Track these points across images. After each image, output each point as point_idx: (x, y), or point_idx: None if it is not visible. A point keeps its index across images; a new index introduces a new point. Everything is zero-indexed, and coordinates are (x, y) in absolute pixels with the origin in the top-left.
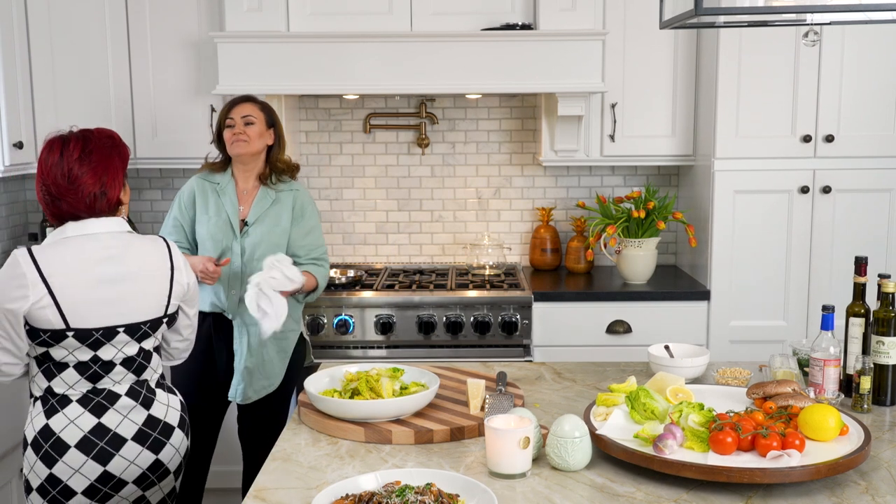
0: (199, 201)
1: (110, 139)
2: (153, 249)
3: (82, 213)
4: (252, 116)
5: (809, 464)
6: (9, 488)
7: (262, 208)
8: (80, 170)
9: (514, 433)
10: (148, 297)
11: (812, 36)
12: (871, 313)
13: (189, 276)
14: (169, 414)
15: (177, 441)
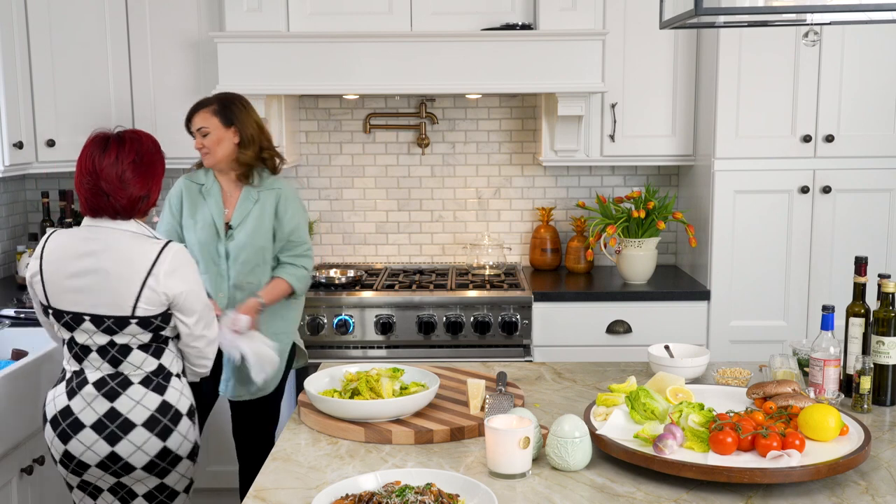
0: (186, 204)
1: (153, 144)
2: (139, 253)
3: (128, 211)
4: (205, 127)
5: (809, 464)
6: (9, 488)
7: (245, 210)
8: (132, 174)
9: (514, 433)
10: (113, 294)
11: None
12: (871, 313)
13: (178, 287)
14: (135, 411)
15: (137, 439)
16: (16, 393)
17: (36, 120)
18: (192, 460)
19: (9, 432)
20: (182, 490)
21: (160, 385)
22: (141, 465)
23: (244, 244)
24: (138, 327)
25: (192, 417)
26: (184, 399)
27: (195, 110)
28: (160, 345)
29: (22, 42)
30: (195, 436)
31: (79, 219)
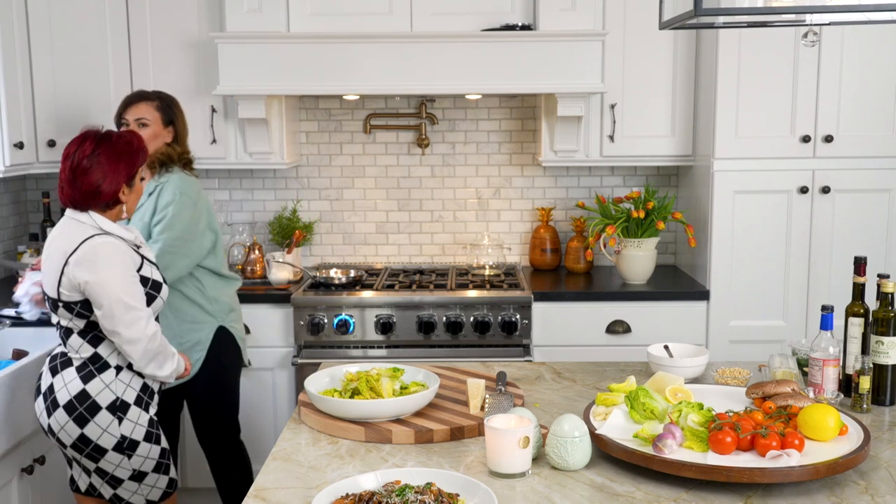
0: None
1: (127, 143)
2: (69, 241)
3: (81, 202)
4: (146, 118)
5: (809, 464)
6: (9, 488)
7: (141, 202)
8: (87, 165)
9: (514, 433)
10: (50, 277)
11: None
12: (871, 313)
13: (83, 276)
14: (61, 392)
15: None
16: (16, 393)
17: (36, 120)
18: (123, 454)
19: (9, 432)
20: (127, 478)
21: (90, 373)
22: (68, 444)
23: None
24: (65, 311)
25: (117, 412)
26: (106, 393)
27: (136, 100)
28: (98, 333)
29: (22, 42)
30: (121, 431)
31: None
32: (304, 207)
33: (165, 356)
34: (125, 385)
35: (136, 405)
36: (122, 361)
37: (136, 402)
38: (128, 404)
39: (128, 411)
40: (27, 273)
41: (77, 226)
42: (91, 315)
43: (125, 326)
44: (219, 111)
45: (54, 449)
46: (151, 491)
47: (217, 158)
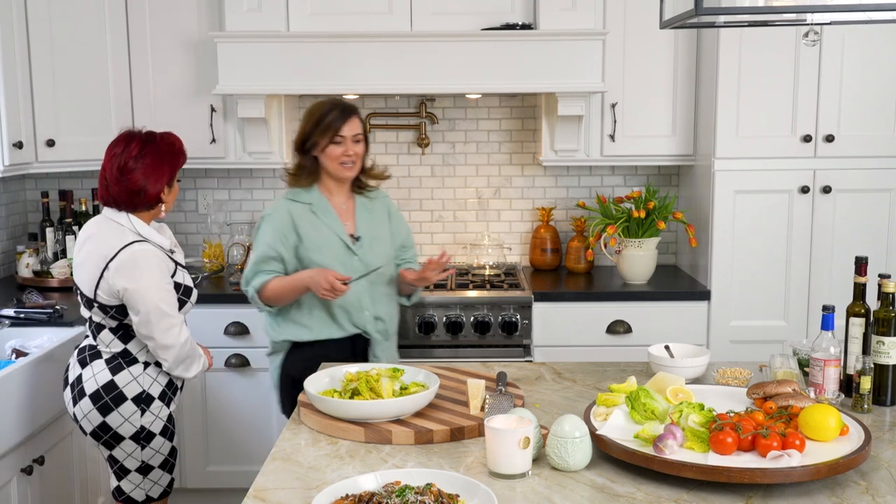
0: (303, 226)
1: (170, 145)
2: (108, 245)
3: (124, 202)
4: (360, 135)
5: (809, 464)
6: (9, 488)
7: (367, 219)
8: (133, 165)
9: (514, 433)
10: (86, 276)
11: (812, 36)
12: (872, 313)
13: (122, 283)
14: (88, 382)
15: (85, 408)
16: (16, 393)
17: (36, 120)
18: (138, 444)
19: (9, 432)
20: (134, 469)
21: (119, 366)
22: (88, 431)
23: (378, 254)
24: (100, 311)
25: (141, 404)
26: (134, 385)
27: (350, 114)
28: (129, 332)
29: (22, 42)
30: (141, 422)
31: (78, 219)
32: None
33: (193, 359)
34: (152, 379)
35: (159, 399)
36: (150, 358)
37: (159, 396)
38: (152, 397)
39: (151, 404)
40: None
41: (116, 228)
42: (125, 318)
43: (160, 333)
44: (218, 111)
45: (54, 449)
46: (153, 487)
47: (216, 158)
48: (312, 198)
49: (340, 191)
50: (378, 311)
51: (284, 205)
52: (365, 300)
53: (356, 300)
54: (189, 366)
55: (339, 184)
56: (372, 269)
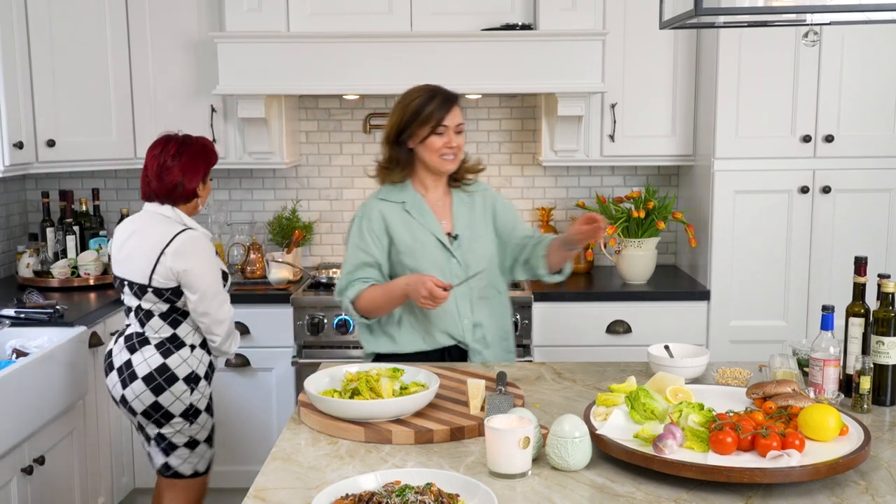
0: (396, 227)
1: (203, 146)
2: (160, 234)
3: (165, 195)
4: (462, 124)
5: (809, 464)
6: (9, 488)
7: (465, 216)
8: (171, 163)
9: (514, 433)
10: (138, 265)
11: (812, 36)
12: (871, 313)
13: (181, 265)
14: (140, 366)
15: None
16: (16, 393)
17: (36, 120)
18: (187, 420)
19: (9, 432)
20: (182, 444)
21: (168, 350)
22: (139, 411)
23: (477, 253)
24: (154, 296)
25: (191, 383)
26: (184, 366)
27: (453, 102)
28: (178, 317)
29: (22, 42)
30: (191, 399)
31: (78, 219)
32: (303, 207)
33: (235, 336)
34: (198, 360)
35: (204, 378)
36: (196, 341)
37: (204, 375)
38: (199, 377)
39: (199, 383)
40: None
41: (163, 220)
42: (177, 301)
43: (216, 308)
44: (218, 111)
45: (54, 449)
46: (199, 461)
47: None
48: (405, 195)
49: (437, 186)
50: (477, 318)
51: (375, 205)
52: (463, 306)
53: (454, 307)
54: (233, 342)
55: (435, 178)
56: (473, 273)
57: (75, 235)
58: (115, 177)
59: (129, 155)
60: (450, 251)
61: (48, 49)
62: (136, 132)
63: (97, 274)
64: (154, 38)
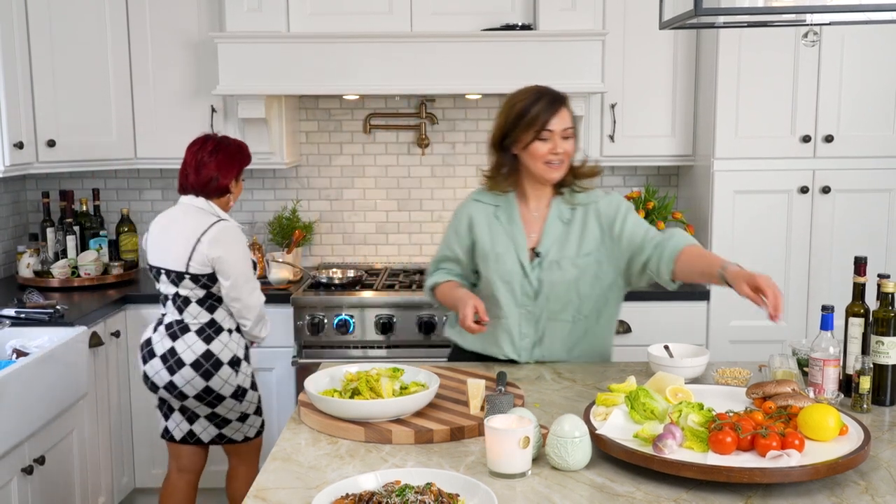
0: (480, 230)
1: (238, 147)
2: (196, 224)
3: (200, 188)
4: (571, 129)
5: (809, 464)
6: (9, 488)
7: (558, 233)
8: (207, 159)
9: (514, 433)
10: (175, 253)
11: (812, 36)
12: (871, 313)
13: (216, 252)
14: (186, 353)
15: (187, 375)
16: (16, 393)
17: (36, 120)
18: (238, 400)
19: (9, 432)
20: (235, 419)
21: (209, 336)
22: (191, 395)
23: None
24: (191, 282)
25: (235, 366)
26: (226, 351)
27: (559, 105)
28: (213, 302)
29: (22, 42)
30: (237, 381)
31: (78, 219)
32: (303, 207)
33: (266, 320)
34: (237, 344)
35: (245, 360)
36: (232, 325)
37: (245, 357)
38: (240, 359)
39: (241, 365)
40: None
41: (199, 212)
42: (212, 286)
43: (247, 294)
44: (218, 111)
45: (54, 449)
46: (250, 429)
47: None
48: (501, 199)
49: (540, 195)
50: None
51: (467, 205)
52: (527, 328)
53: (515, 326)
54: (263, 326)
55: (539, 187)
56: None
57: (75, 235)
58: (115, 177)
59: (129, 155)
60: (524, 270)
61: (48, 49)
62: (136, 132)
63: (97, 274)
64: (154, 38)
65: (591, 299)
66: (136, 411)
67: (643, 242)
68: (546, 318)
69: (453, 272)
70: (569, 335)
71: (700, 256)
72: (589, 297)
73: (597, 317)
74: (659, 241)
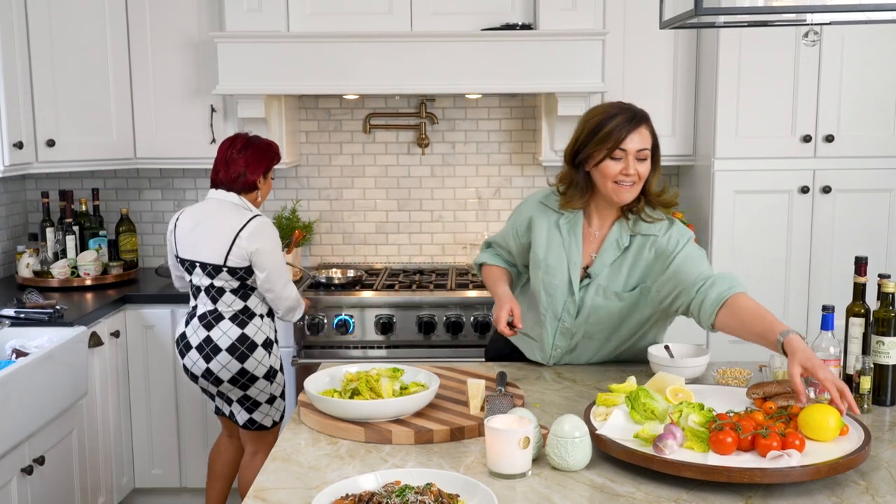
0: (539, 234)
1: (268, 145)
2: (233, 219)
3: (229, 183)
4: (648, 150)
5: (809, 464)
6: (9, 488)
7: (612, 258)
8: (236, 156)
9: (514, 433)
10: (212, 247)
11: (812, 36)
12: (871, 313)
13: (253, 245)
14: (222, 339)
15: (223, 360)
16: (16, 393)
17: (36, 120)
18: (269, 380)
19: (9, 432)
20: (264, 401)
21: (243, 321)
22: (227, 379)
23: (603, 302)
24: (228, 275)
25: (268, 348)
26: (260, 333)
27: (639, 123)
28: (247, 291)
29: (22, 42)
30: (269, 362)
31: (78, 219)
32: (303, 207)
33: (298, 307)
34: (270, 327)
35: (276, 343)
36: (264, 310)
37: (276, 340)
38: (272, 341)
39: (273, 347)
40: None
41: (233, 207)
42: (248, 279)
43: (280, 287)
44: (218, 111)
45: (54, 449)
46: (277, 413)
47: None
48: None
49: (605, 214)
50: (573, 349)
51: (532, 205)
52: (561, 341)
53: (549, 337)
54: (295, 312)
55: (605, 206)
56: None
57: (75, 235)
58: (114, 177)
59: (129, 155)
60: (572, 287)
61: (48, 49)
62: (136, 132)
63: (97, 274)
64: (154, 38)
65: (630, 325)
66: (135, 411)
67: (692, 282)
68: (581, 336)
69: (503, 257)
70: (601, 348)
71: (754, 316)
72: (629, 324)
73: (634, 338)
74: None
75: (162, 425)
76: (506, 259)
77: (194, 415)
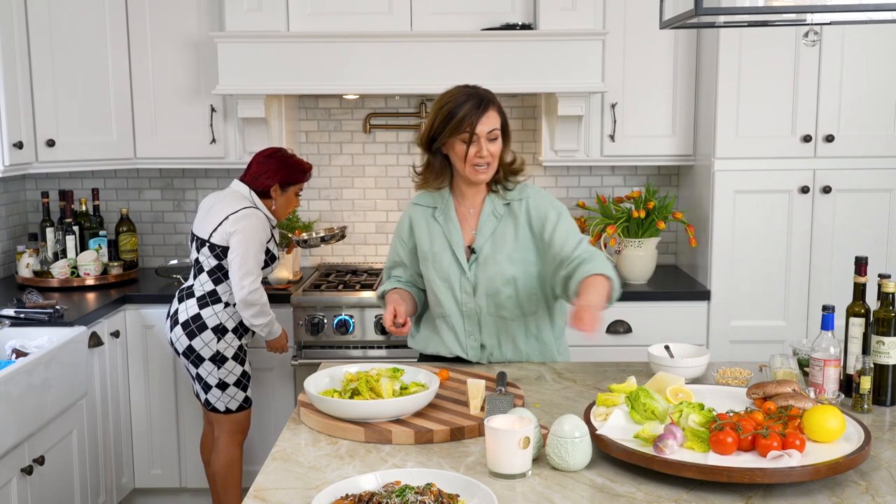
0: (420, 232)
1: (296, 162)
2: (232, 205)
3: (248, 180)
4: (497, 130)
5: (809, 464)
6: (9, 488)
7: (491, 228)
8: (259, 159)
9: (514, 433)
10: (208, 223)
11: (812, 36)
12: (872, 313)
13: (233, 228)
14: (181, 314)
15: (177, 333)
16: (16, 393)
17: (36, 120)
18: (216, 365)
19: (9, 432)
20: (214, 385)
21: (205, 303)
22: (180, 351)
23: (495, 272)
24: (208, 250)
25: (218, 334)
26: (214, 318)
27: (486, 107)
28: (220, 276)
29: (22, 42)
30: (217, 347)
31: (78, 219)
32: (303, 207)
33: (262, 312)
34: (228, 316)
35: (232, 332)
36: (231, 300)
37: (233, 329)
38: (227, 329)
39: (226, 335)
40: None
41: (238, 196)
42: (223, 259)
43: (237, 279)
44: (218, 111)
45: (54, 449)
46: (230, 401)
47: (216, 158)
48: (439, 200)
49: (475, 193)
50: (486, 340)
51: (408, 209)
52: (470, 325)
53: (459, 323)
54: (256, 315)
55: (471, 185)
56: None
57: (75, 235)
58: (114, 177)
59: (129, 155)
60: (461, 267)
61: (48, 49)
62: (136, 132)
63: (97, 274)
64: (154, 38)
65: (532, 297)
66: (135, 411)
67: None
68: (487, 315)
69: (402, 279)
70: (516, 334)
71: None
72: (530, 295)
73: (545, 315)
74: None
75: (162, 425)
76: (407, 280)
77: (194, 415)
